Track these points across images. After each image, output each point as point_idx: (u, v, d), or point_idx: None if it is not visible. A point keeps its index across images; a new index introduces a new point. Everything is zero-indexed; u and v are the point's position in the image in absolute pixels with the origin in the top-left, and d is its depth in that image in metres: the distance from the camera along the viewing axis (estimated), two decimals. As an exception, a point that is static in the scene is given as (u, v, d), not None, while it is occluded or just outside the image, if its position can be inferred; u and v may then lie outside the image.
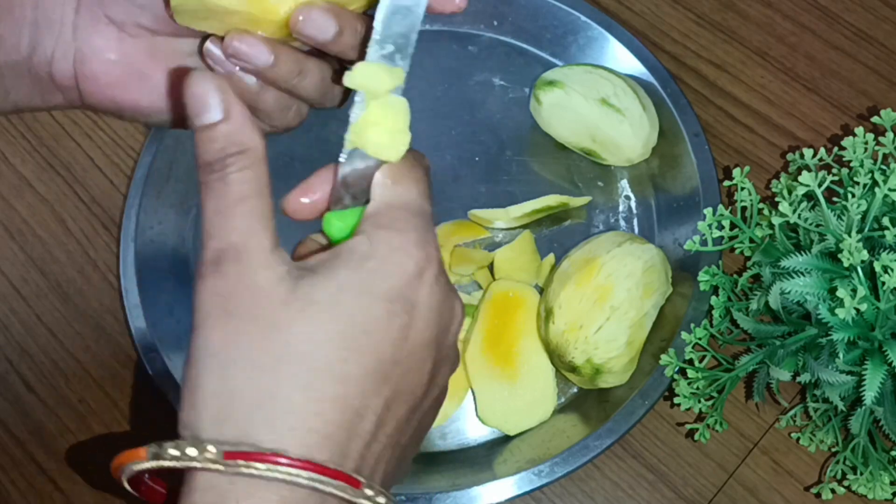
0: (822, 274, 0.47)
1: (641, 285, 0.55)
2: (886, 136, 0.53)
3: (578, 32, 0.67)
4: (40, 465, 0.58)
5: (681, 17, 0.70)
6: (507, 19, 0.69)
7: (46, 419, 0.59)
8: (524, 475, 0.53)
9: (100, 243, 0.64)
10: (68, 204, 0.65)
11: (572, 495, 0.56)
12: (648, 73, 0.64)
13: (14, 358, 0.61)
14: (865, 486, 0.51)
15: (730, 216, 0.54)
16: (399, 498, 0.52)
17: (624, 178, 0.64)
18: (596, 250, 0.56)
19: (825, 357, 0.49)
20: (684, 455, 0.56)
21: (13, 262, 0.64)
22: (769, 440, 0.57)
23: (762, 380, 0.54)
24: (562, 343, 0.54)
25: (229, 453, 0.29)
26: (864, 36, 0.69)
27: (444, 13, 0.38)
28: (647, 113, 0.61)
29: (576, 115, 0.61)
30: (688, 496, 0.55)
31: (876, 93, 0.67)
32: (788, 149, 0.65)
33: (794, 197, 0.50)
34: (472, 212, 0.62)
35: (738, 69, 0.68)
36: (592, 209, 0.63)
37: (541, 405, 0.57)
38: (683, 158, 0.62)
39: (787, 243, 0.51)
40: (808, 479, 0.56)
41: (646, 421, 0.57)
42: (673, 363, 0.53)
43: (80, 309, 0.62)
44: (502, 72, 0.68)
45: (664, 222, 0.62)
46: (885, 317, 0.46)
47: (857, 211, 0.48)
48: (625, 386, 0.56)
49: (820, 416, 0.54)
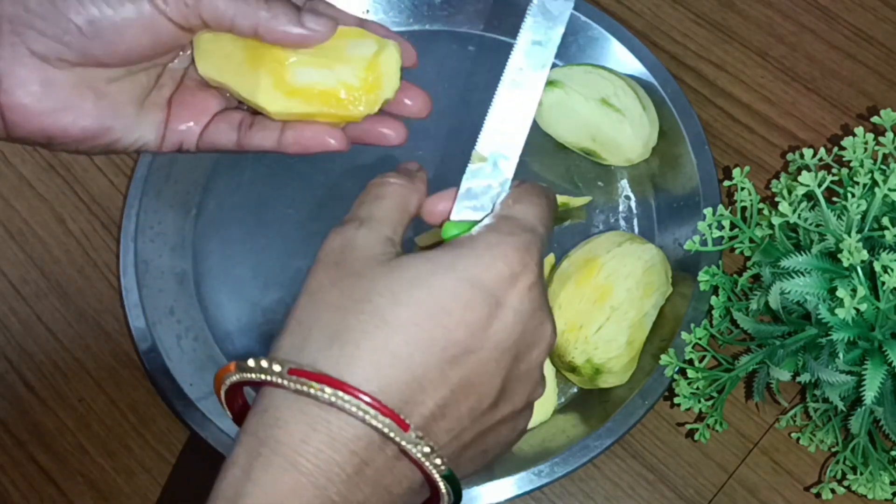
0: (822, 274, 0.47)
1: (641, 285, 0.55)
2: (886, 136, 0.53)
3: (578, 32, 0.67)
4: (40, 465, 0.58)
5: (681, 17, 0.70)
6: (507, 19, 0.69)
7: (46, 419, 0.59)
8: (524, 475, 0.53)
9: (100, 243, 0.64)
10: (68, 204, 0.65)
11: (572, 495, 0.56)
12: (648, 73, 0.64)
13: (14, 358, 0.61)
14: (865, 486, 0.51)
15: (730, 216, 0.54)
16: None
17: (624, 178, 0.64)
18: (596, 250, 0.56)
19: (825, 357, 0.49)
20: (684, 455, 0.56)
21: (13, 262, 0.64)
22: (769, 440, 0.57)
23: (762, 380, 0.54)
24: (562, 343, 0.54)
25: (293, 370, 0.32)
26: (864, 36, 0.69)
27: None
28: (647, 113, 0.61)
29: (576, 115, 0.61)
30: (688, 496, 0.55)
31: (876, 93, 0.67)
32: (788, 149, 0.65)
33: (794, 197, 0.50)
34: (472, 212, 0.62)
35: (738, 69, 0.68)
36: (592, 209, 0.63)
37: (541, 405, 0.57)
38: (683, 158, 0.62)
39: (787, 243, 0.51)
40: (808, 479, 0.56)
41: (646, 421, 0.57)
42: (673, 363, 0.53)
43: (80, 309, 0.62)
44: (502, 72, 0.68)
45: (664, 222, 0.62)
46: (885, 317, 0.46)
47: (857, 211, 0.48)
48: (625, 386, 0.56)
49: (820, 416, 0.54)
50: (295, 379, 0.32)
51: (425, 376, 0.33)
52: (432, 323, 0.33)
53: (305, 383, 0.32)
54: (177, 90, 0.45)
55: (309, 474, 0.31)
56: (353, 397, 0.32)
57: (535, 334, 0.36)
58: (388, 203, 0.38)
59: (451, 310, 0.33)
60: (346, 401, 0.31)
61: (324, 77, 0.41)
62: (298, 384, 0.32)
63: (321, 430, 0.32)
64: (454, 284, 0.34)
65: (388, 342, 0.33)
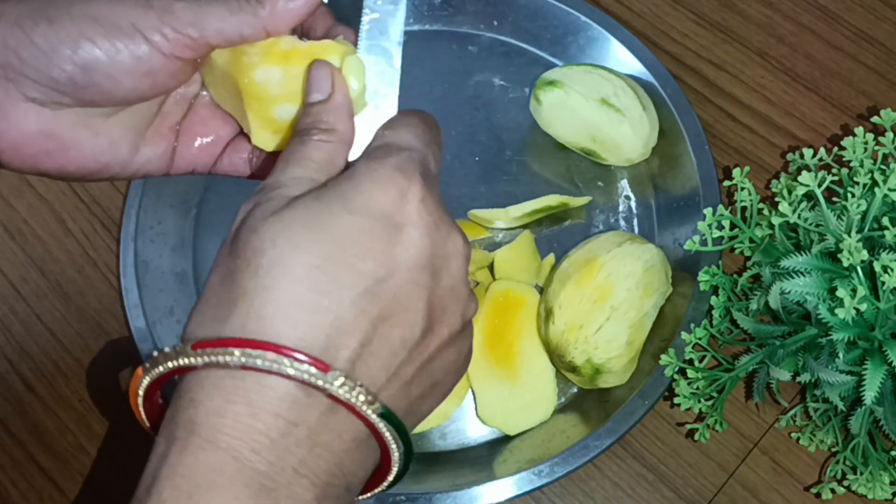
0: (822, 274, 0.47)
1: (641, 285, 0.55)
2: (886, 136, 0.53)
3: (578, 32, 0.67)
4: (40, 465, 0.58)
5: (681, 17, 0.70)
6: (507, 19, 0.69)
7: (46, 419, 0.59)
8: (524, 475, 0.53)
9: (100, 243, 0.64)
10: (68, 204, 0.65)
11: (572, 495, 0.56)
12: (648, 73, 0.64)
13: (14, 358, 0.61)
14: (865, 486, 0.51)
15: (730, 216, 0.54)
16: (399, 498, 0.52)
17: (624, 178, 0.64)
18: (596, 250, 0.56)
19: (825, 357, 0.49)
20: (684, 455, 0.56)
21: (13, 262, 0.64)
22: (769, 440, 0.57)
23: (762, 380, 0.54)
24: (562, 343, 0.54)
25: (196, 345, 0.31)
26: (865, 36, 0.69)
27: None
28: (647, 113, 0.61)
29: (576, 115, 0.61)
30: (688, 496, 0.55)
31: (876, 93, 0.67)
32: (788, 149, 0.65)
33: (794, 197, 0.50)
34: (471, 212, 0.62)
35: (738, 69, 0.68)
36: (592, 209, 0.63)
37: (541, 405, 0.57)
38: (683, 158, 0.62)
39: (787, 243, 0.51)
40: (808, 479, 0.56)
41: (646, 421, 0.57)
42: (673, 363, 0.53)
43: (80, 309, 0.62)
44: (502, 72, 0.68)
45: (664, 222, 0.62)
46: (885, 317, 0.46)
47: (857, 211, 0.48)
48: (625, 386, 0.56)
49: (820, 416, 0.54)
50: (200, 352, 0.31)
51: (341, 317, 0.31)
52: (334, 262, 0.32)
53: (211, 353, 0.30)
54: (186, 116, 0.43)
55: (229, 449, 0.30)
56: (264, 350, 0.30)
57: (445, 246, 0.35)
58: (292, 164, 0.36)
59: (350, 244, 0.32)
60: (257, 356, 0.30)
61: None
62: (204, 357, 0.30)
63: (237, 399, 0.30)
64: (347, 219, 0.33)
65: (293, 292, 0.31)
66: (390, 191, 0.34)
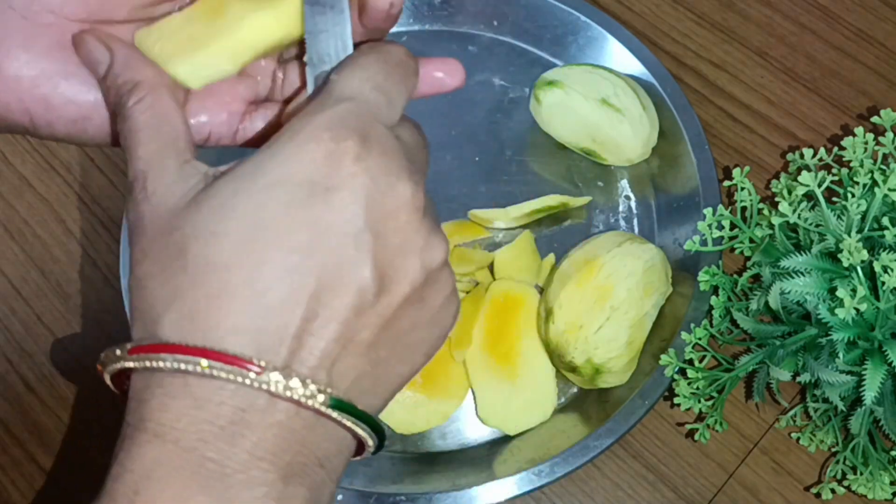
0: (822, 274, 0.47)
1: (641, 285, 0.55)
2: (886, 136, 0.53)
3: (578, 32, 0.67)
4: (40, 465, 0.58)
5: (681, 17, 0.70)
6: (507, 19, 0.69)
7: (46, 419, 0.59)
8: (524, 475, 0.53)
9: (100, 243, 0.64)
10: (68, 204, 0.65)
11: (572, 495, 0.56)
12: (648, 73, 0.64)
13: (14, 358, 0.61)
14: (865, 486, 0.51)
15: (730, 216, 0.54)
16: (399, 498, 0.52)
17: (624, 178, 0.64)
18: (596, 250, 0.56)
19: (825, 357, 0.49)
20: (684, 455, 0.56)
21: (13, 262, 0.64)
22: (769, 440, 0.57)
23: (762, 380, 0.54)
24: (562, 343, 0.54)
25: (133, 349, 0.30)
26: (865, 36, 0.69)
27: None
28: (647, 113, 0.61)
29: (576, 115, 0.61)
30: (688, 496, 0.55)
31: (876, 93, 0.67)
32: (788, 149, 0.65)
33: (794, 197, 0.50)
34: (471, 212, 0.62)
35: (738, 69, 0.68)
36: (592, 209, 0.63)
37: (541, 405, 0.57)
38: (683, 158, 0.62)
39: (787, 243, 0.51)
40: (808, 479, 0.56)
41: (646, 421, 0.57)
42: (673, 363, 0.53)
43: (80, 309, 0.62)
44: (502, 72, 0.68)
45: (664, 222, 0.62)
46: (885, 317, 0.46)
47: (857, 211, 0.48)
48: (625, 386, 0.56)
49: (820, 416, 0.54)
50: (135, 357, 0.30)
51: (275, 298, 0.30)
52: (259, 244, 0.30)
53: (146, 358, 0.30)
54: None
55: (176, 441, 0.29)
56: (194, 356, 0.29)
57: (387, 202, 0.31)
58: (143, 141, 0.33)
59: (271, 222, 0.30)
60: (189, 362, 0.29)
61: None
62: (141, 361, 0.30)
63: (179, 395, 0.29)
64: (264, 195, 0.30)
65: (219, 285, 0.30)
66: (315, 153, 0.31)
